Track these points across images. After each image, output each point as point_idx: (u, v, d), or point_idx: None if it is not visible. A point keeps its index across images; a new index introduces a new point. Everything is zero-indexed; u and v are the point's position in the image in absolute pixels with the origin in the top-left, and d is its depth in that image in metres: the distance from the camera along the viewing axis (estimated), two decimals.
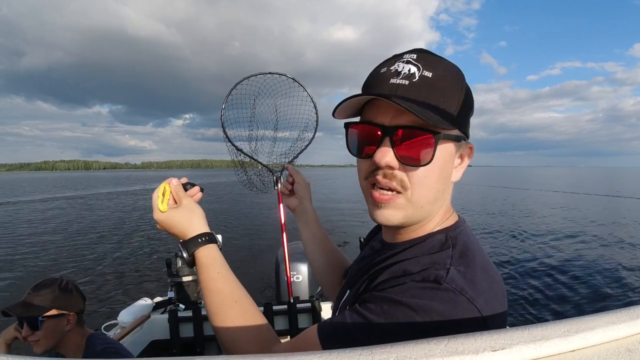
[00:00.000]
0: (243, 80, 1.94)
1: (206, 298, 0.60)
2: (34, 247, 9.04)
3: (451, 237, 0.53)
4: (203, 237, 0.64)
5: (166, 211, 0.65)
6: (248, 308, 0.60)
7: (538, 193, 24.60)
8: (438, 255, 0.50)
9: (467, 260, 0.49)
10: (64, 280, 1.32)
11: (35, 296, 1.24)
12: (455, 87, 0.51)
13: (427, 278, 0.46)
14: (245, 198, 17.59)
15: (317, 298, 2.34)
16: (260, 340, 0.57)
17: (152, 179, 60.90)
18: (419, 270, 0.48)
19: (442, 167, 0.52)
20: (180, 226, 0.65)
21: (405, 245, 0.55)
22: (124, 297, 5.28)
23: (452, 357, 0.30)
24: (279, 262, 2.76)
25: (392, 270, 0.51)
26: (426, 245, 0.53)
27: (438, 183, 0.52)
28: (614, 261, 6.78)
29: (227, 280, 0.61)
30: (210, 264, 0.62)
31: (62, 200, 22.08)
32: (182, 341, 2.16)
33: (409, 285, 0.47)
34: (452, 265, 0.48)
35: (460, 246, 0.52)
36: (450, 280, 0.46)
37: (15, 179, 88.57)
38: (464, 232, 0.55)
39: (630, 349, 0.32)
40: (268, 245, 7.63)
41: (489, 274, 0.50)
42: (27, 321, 1.21)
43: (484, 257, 0.52)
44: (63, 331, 1.27)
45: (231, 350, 0.57)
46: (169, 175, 0.72)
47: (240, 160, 2.15)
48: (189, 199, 0.68)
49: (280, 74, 1.99)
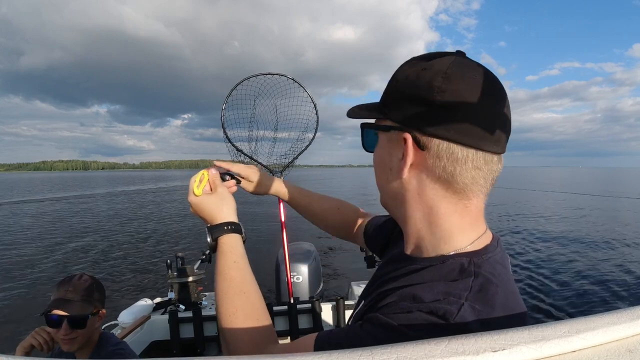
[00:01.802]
0: (243, 81, 1.94)
1: (217, 284, 0.62)
2: (34, 247, 9.04)
3: (475, 263, 0.47)
4: (229, 226, 0.67)
5: (200, 195, 0.69)
6: (254, 303, 0.60)
7: (531, 193, 24.61)
8: (455, 285, 0.45)
9: (486, 295, 0.44)
10: (91, 276, 1.30)
11: (84, 293, 1.21)
12: (393, 80, 0.53)
13: (435, 312, 0.42)
14: (245, 198, 17.49)
15: (318, 299, 2.34)
16: (257, 336, 0.57)
17: (152, 179, 61.00)
18: (430, 300, 0.44)
19: (378, 156, 0.56)
20: (210, 211, 0.68)
21: (423, 264, 0.51)
22: (124, 298, 5.28)
23: (453, 357, 0.30)
24: (279, 263, 2.76)
25: (403, 293, 0.48)
26: (445, 269, 0.48)
27: (380, 171, 0.56)
28: (613, 261, 6.78)
29: (241, 270, 0.63)
30: (229, 251, 0.64)
31: (61, 201, 22.10)
32: (182, 342, 2.16)
33: (415, 315, 0.43)
34: (467, 300, 0.43)
35: (483, 277, 0.46)
36: (460, 318, 0.41)
37: (14, 179, 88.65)
38: (492, 259, 0.49)
39: (631, 350, 0.32)
40: (268, 246, 7.64)
41: (508, 315, 0.44)
42: (76, 320, 1.17)
43: (507, 293, 0.46)
44: (94, 328, 1.26)
45: (227, 340, 0.57)
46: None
47: (240, 161, 2.15)
48: (224, 187, 0.72)
49: (280, 75, 1.99)
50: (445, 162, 0.47)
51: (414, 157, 0.49)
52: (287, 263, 2.23)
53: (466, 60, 0.48)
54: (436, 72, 0.46)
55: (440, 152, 0.47)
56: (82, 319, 1.18)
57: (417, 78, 0.48)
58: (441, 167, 0.48)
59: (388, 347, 0.32)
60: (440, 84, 0.45)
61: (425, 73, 0.47)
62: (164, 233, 10.65)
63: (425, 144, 0.48)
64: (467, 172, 0.47)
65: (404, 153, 0.49)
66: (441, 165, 0.47)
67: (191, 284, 2.32)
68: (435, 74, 0.46)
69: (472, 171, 0.47)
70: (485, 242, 0.52)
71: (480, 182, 0.49)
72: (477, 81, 0.46)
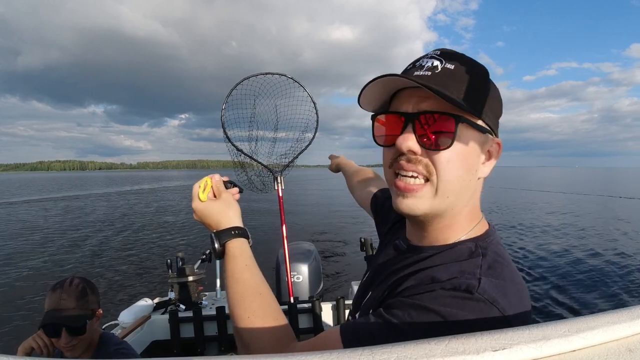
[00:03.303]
0: (243, 81, 1.94)
1: (230, 288, 0.61)
2: (33, 247, 9.04)
3: (481, 246, 0.52)
4: (236, 230, 0.67)
5: (205, 201, 0.69)
6: (271, 303, 0.60)
7: (526, 193, 24.60)
8: (467, 264, 0.49)
9: (497, 271, 0.48)
10: (81, 278, 1.28)
11: (78, 298, 1.19)
12: (479, 80, 0.52)
13: (459, 287, 0.45)
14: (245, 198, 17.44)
15: (318, 298, 2.34)
16: (279, 335, 0.57)
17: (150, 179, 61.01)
18: (447, 278, 0.47)
19: (465, 155, 0.51)
20: (216, 217, 0.68)
21: (432, 251, 0.54)
22: (125, 298, 5.28)
23: (453, 357, 0.30)
24: (279, 262, 2.76)
25: (419, 277, 0.50)
26: (454, 253, 0.52)
27: (462, 170, 0.51)
28: (612, 261, 6.78)
29: (253, 273, 0.63)
30: (239, 255, 0.64)
31: (61, 201, 22.10)
32: (182, 341, 2.16)
33: (439, 293, 0.45)
34: (482, 275, 0.46)
35: (491, 256, 0.50)
36: (482, 290, 0.44)
37: (10, 179, 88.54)
38: (494, 241, 0.54)
39: (631, 349, 0.32)
40: (268, 246, 7.63)
41: (518, 287, 0.49)
42: (75, 327, 1.15)
43: (512, 269, 0.51)
44: (93, 330, 1.24)
45: (247, 342, 0.57)
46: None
47: (240, 161, 2.15)
48: (228, 194, 0.72)
49: (280, 74, 1.99)
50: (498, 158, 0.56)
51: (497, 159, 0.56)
52: (288, 263, 2.23)
53: None
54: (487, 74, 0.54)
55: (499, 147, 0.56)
56: (81, 326, 1.17)
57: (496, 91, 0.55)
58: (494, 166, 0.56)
59: (388, 346, 0.32)
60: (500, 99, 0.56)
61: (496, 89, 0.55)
62: (164, 233, 10.65)
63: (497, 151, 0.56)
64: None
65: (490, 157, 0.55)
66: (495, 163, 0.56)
67: (191, 283, 2.32)
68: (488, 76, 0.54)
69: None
70: (484, 227, 0.57)
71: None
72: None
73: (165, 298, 2.42)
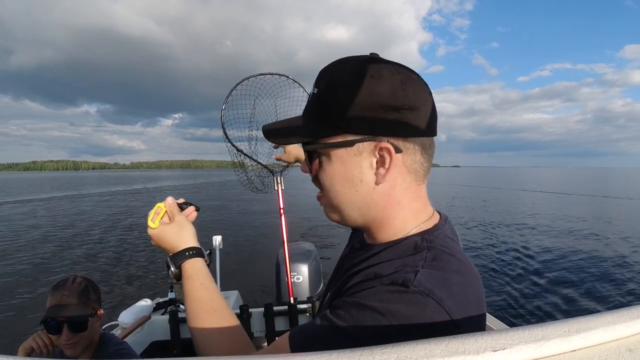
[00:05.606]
0: (243, 81, 1.94)
1: (188, 307, 0.65)
2: (32, 247, 9.04)
3: (427, 239, 0.52)
4: (191, 251, 0.69)
5: (157, 227, 0.71)
6: (227, 317, 0.64)
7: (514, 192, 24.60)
8: (411, 258, 0.49)
9: (440, 263, 0.48)
10: (84, 277, 1.29)
11: (80, 296, 1.20)
12: (339, 93, 0.50)
13: (396, 281, 0.46)
14: (245, 198, 17.64)
15: (318, 299, 2.34)
16: (234, 348, 0.61)
17: (144, 179, 60.95)
18: (389, 273, 0.48)
19: (340, 173, 0.53)
20: (170, 241, 0.70)
21: (381, 247, 0.55)
22: (124, 298, 5.29)
23: (453, 357, 0.30)
24: (279, 263, 2.76)
25: (365, 273, 0.51)
26: (401, 248, 0.52)
27: (344, 187, 0.54)
28: (612, 260, 6.78)
29: (209, 291, 0.66)
30: (195, 274, 0.67)
31: (59, 200, 22.10)
32: (182, 342, 2.16)
33: (378, 289, 0.46)
34: (422, 268, 0.47)
35: (436, 249, 0.50)
36: (417, 283, 0.44)
37: (5, 179, 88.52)
38: (442, 234, 0.54)
39: (631, 349, 0.32)
40: (268, 246, 7.64)
41: (463, 277, 0.48)
42: (76, 323, 1.16)
43: (460, 261, 0.50)
44: (94, 329, 1.25)
45: (205, 353, 0.61)
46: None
47: (240, 161, 2.15)
48: (181, 216, 0.73)
49: (280, 75, 1.99)
50: (420, 156, 0.52)
51: (393, 161, 0.51)
52: (288, 263, 2.23)
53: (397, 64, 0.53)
54: (391, 79, 0.49)
55: (415, 148, 0.52)
56: (83, 322, 1.18)
57: (377, 87, 0.49)
58: (416, 162, 0.53)
59: (388, 346, 0.32)
60: (403, 90, 0.49)
61: (382, 82, 0.49)
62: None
63: (402, 146, 0.51)
64: (428, 159, 0.54)
65: (383, 161, 0.51)
66: (416, 159, 0.52)
67: None
68: (392, 81, 0.49)
69: (430, 157, 0.54)
70: (434, 221, 0.57)
71: (428, 166, 0.55)
72: (419, 80, 0.52)
73: (165, 298, 2.41)
